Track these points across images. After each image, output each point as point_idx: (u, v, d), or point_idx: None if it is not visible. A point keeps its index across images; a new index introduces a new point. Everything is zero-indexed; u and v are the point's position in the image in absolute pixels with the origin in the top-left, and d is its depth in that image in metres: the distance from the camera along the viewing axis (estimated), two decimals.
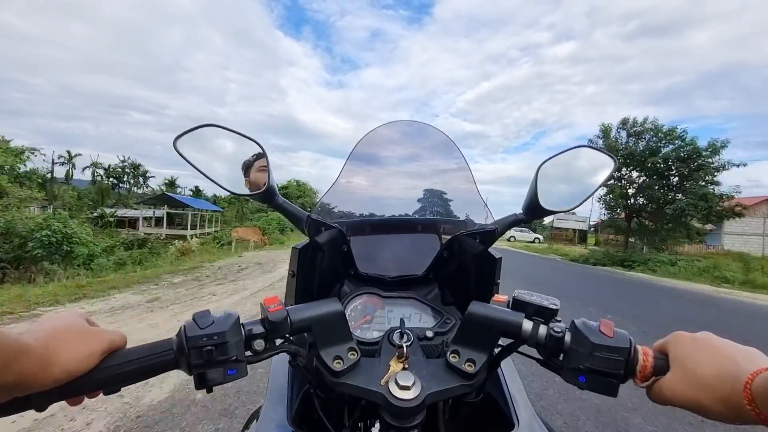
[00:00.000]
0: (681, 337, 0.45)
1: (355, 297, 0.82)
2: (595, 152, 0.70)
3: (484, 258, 0.74)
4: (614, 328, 0.48)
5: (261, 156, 0.70)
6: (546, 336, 0.50)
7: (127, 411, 2.55)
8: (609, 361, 0.46)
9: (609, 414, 2.78)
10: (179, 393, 2.84)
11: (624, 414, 2.79)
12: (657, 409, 2.72)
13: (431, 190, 0.91)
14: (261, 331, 0.49)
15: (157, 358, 0.45)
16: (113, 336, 0.44)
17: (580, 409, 2.85)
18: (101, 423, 2.40)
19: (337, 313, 0.55)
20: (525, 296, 0.54)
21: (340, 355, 0.54)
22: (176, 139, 0.66)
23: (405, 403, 0.49)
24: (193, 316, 0.46)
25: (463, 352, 0.54)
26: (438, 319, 0.79)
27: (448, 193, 0.91)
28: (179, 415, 2.54)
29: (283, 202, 0.71)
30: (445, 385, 0.53)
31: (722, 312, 7.51)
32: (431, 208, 0.92)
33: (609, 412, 2.81)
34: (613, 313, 6.19)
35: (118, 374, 0.43)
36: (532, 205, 0.69)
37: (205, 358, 0.44)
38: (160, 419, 2.48)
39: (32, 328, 0.39)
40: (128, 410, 2.56)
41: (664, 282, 12.43)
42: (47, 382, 0.37)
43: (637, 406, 2.87)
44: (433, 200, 0.92)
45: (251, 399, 2.74)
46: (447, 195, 0.91)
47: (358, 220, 0.85)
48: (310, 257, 0.74)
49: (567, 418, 2.71)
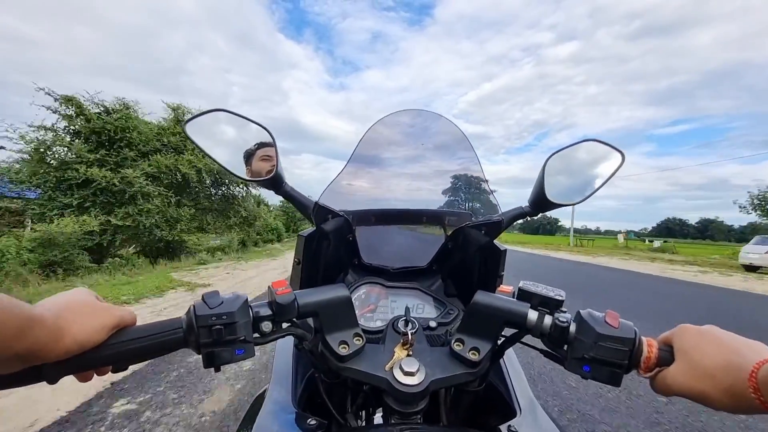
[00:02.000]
0: (686, 329, 0.46)
1: (359, 286, 0.82)
2: (603, 146, 0.70)
3: (489, 250, 0.75)
4: (620, 319, 0.49)
5: (263, 145, 0.70)
6: (551, 326, 0.51)
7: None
8: (613, 351, 0.46)
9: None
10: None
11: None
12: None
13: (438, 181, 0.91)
14: (269, 314, 0.50)
15: (166, 336, 0.45)
16: (123, 313, 0.45)
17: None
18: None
19: (343, 299, 0.55)
20: (531, 287, 0.55)
21: (345, 340, 0.54)
22: (186, 123, 0.66)
23: (409, 388, 0.49)
24: (203, 296, 0.47)
25: (468, 340, 0.55)
26: (441, 310, 0.79)
27: (455, 184, 0.91)
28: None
29: (291, 190, 0.71)
30: (449, 372, 0.53)
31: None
32: (437, 199, 0.92)
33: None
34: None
35: (126, 350, 0.44)
36: (538, 198, 0.69)
37: (214, 337, 0.45)
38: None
39: (45, 302, 0.40)
40: None
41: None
42: (59, 352, 0.38)
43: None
44: (438, 192, 0.92)
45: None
46: (454, 186, 0.91)
47: (364, 210, 0.85)
48: (316, 245, 0.75)
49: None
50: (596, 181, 0.70)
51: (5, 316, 0.32)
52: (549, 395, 2.87)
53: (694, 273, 13.53)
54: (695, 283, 10.57)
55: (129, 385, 2.82)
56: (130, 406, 2.53)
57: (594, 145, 0.70)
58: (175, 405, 2.56)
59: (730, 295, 8.69)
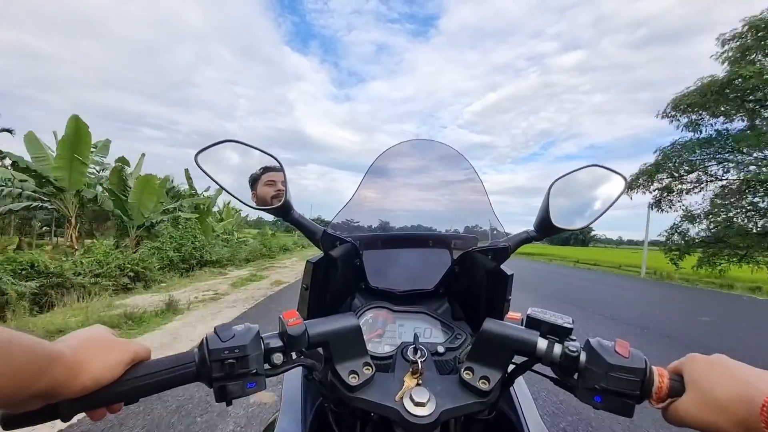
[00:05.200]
0: (696, 359, 0.45)
1: (366, 311, 0.82)
2: (606, 171, 0.71)
3: (496, 275, 0.75)
4: (629, 348, 0.48)
5: (268, 170, 0.72)
6: (561, 355, 0.51)
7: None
8: (625, 382, 0.46)
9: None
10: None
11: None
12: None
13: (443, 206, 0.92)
14: (279, 345, 0.50)
15: (179, 371, 0.46)
16: (138, 348, 0.45)
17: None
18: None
19: (353, 328, 0.55)
20: (539, 314, 0.55)
21: (355, 369, 0.54)
22: (197, 154, 0.68)
23: (420, 419, 0.49)
24: (215, 329, 0.47)
25: (477, 369, 0.55)
26: (448, 334, 0.79)
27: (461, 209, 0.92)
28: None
29: (299, 217, 0.73)
30: (460, 402, 0.53)
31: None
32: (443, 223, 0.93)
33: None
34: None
35: (140, 386, 0.44)
36: (544, 222, 0.69)
37: (227, 371, 0.45)
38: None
39: (64, 339, 0.41)
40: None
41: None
42: (76, 389, 0.38)
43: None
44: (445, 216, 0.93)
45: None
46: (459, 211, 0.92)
47: (371, 234, 0.86)
48: (324, 271, 0.75)
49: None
50: (600, 206, 0.70)
51: (28, 357, 0.33)
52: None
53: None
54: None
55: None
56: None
57: (597, 170, 0.71)
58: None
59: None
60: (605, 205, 0.70)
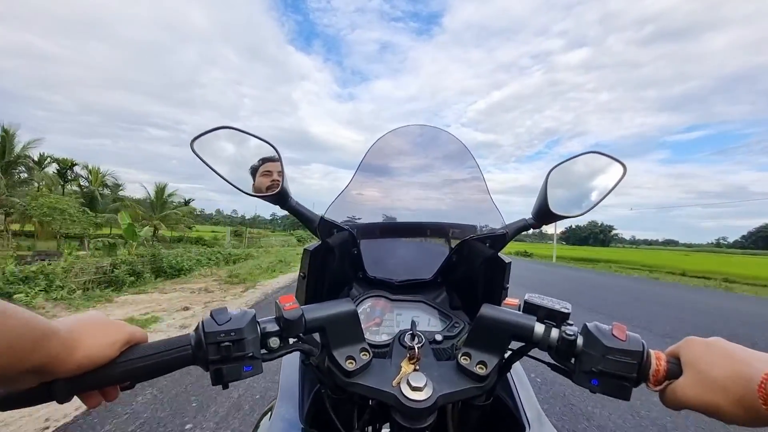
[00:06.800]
0: (693, 341, 0.45)
1: (364, 299, 0.82)
2: (604, 158, 0.70)
3: (494, 262, 0.75)
4: (627, 331, 0.48)
5: (266, 160, 0.71)
6: (558, 339, 0.51)
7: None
8: (622, 365, 0.46)
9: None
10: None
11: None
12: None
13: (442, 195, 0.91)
14: (276, 329, 0.50)
15: (175, 353, 0.45)
16: (134, 330, 0.45)
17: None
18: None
19: (350, 314, 0.55)
20: (536, 299, 0.55)
21: (352, 355, 0.54)
22: (193, 141, 0.67)
23: (417, 404, 0.49)
24: (211, 312, 0.47)
25: (475, 354, 0.55)
26: (446, 323, 0.79)
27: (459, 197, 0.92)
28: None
29: (297, 204, 0.72)
30: (457, 387, 0.53)
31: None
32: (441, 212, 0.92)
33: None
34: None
35: (136, 368, 0.44)
36: (541, 210, 0.69)
37: (223, 353, 0.45)
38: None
39: (59, 319, 0.41)
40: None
41: None
42: (71, 366, 0.38)
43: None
44: (443, 204, 0.92)
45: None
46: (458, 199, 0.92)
47: (369, 223, 0.86)
48: (321, 259, 0.75)
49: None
50: (598, 193, 0.70)
51: (24, 329, 0.33)
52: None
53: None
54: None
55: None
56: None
57: (596, 157, 0.70)
58: None
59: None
60: (603, 192, 0.69)
